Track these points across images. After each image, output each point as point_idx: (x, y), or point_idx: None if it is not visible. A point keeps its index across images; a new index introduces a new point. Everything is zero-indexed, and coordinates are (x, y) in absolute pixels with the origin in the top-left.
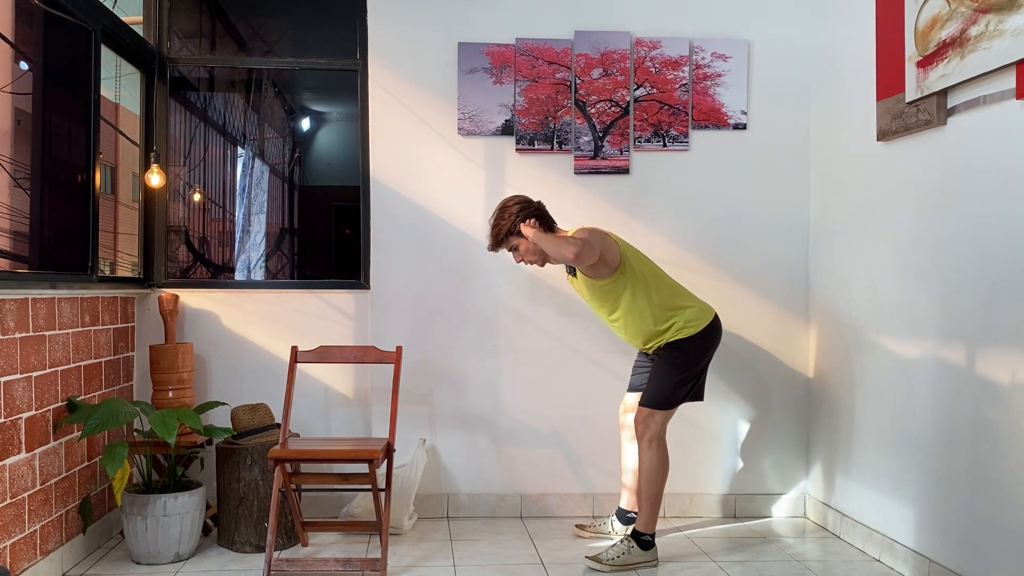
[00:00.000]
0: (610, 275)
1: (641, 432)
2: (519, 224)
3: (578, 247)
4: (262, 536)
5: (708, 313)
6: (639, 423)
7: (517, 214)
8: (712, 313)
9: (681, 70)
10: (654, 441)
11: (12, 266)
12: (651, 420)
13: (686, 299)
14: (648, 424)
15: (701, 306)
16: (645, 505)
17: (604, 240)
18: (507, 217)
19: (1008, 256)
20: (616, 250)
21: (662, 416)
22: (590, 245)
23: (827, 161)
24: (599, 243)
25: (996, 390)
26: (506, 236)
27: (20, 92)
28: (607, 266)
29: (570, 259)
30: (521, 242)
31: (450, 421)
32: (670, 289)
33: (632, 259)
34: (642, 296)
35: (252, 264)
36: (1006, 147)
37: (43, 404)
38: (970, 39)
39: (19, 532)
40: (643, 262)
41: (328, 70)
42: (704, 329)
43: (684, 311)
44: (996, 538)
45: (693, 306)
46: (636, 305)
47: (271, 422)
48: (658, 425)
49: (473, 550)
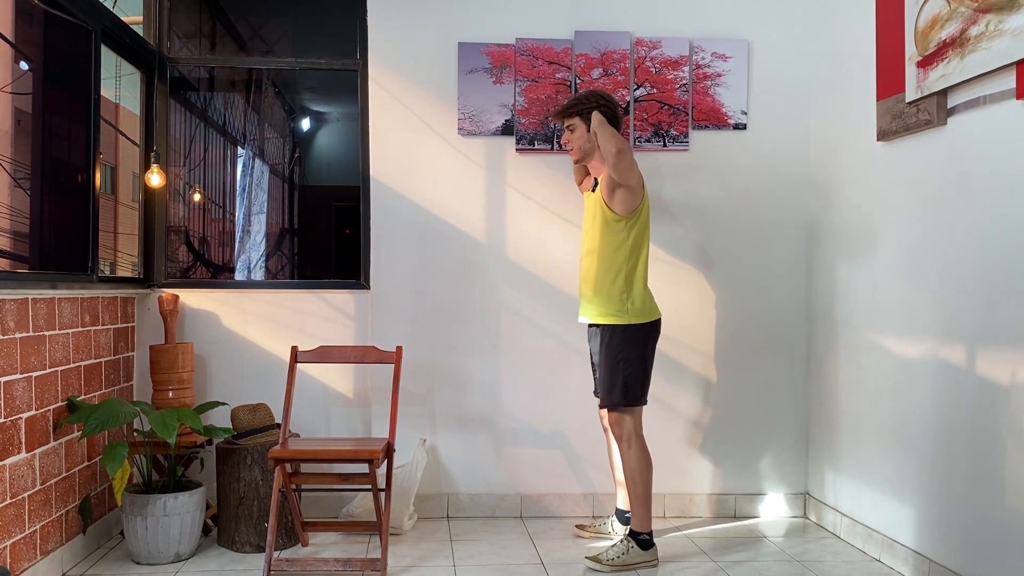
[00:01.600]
0: (623, 213)
1: (617, 434)
2: (594, 110)
3: (624, 149)
4: (262, 536)
5: (655, 313)
6: (613, 425)
7: (598, 103)
8: (658, 316)
9: (681, 70)
10: (632, 439)
11: (12, 266)
12: (622, 420)
13: (647, 292)
14: (621, 425)
15: (654, 306)
16: (635, 504)
17: (641, 185)
18: (592, 99)
19: (1008, 256)
20: (641, 200)
21: (631, 414)
22: (632, 165)
23: (827, 161)
24: (637, 179)
25: (996, 390)
26: (577, 113)
27: (20, 92)
28: (625, 202)
29: (612, 152)
30: (582, 127)
31: (450, 421)
32: (645, 273)
33: (643, 221)
34: (625, 253)
35: (252, 264)
36: (1006, 147)
37: (43, 404)
38: (970, 39)
39: (19, 532)
40: (646, 234)
41: (328, 70)
42: (648, 323)
43: (639, 299)
44: (996, 538)
45: (648, 302)
46: (617, 255)
47: (271, 422)
48: (630, 424)
49: (473, 550)
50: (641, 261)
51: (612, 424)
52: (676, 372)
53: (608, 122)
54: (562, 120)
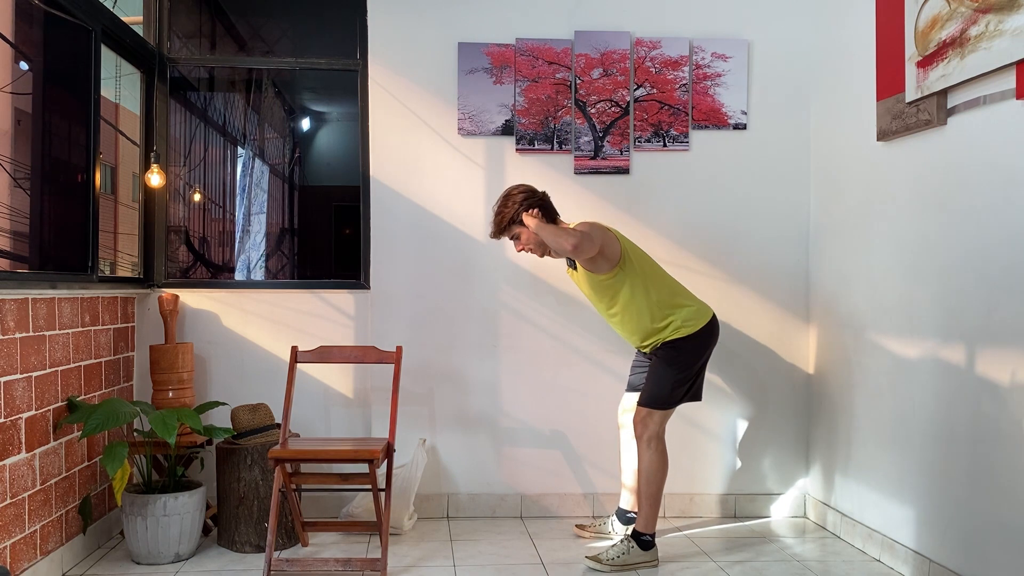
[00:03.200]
0: (610, 270)
1: (640, 432)
2: (522, 213)
3: (577, 239)
4: (262, 536)
5: (706, 313)
6: (638, 423)
7: (521, 203)
8: (710, 313)
9: (681, 70)
10: (653, 440)
11: (12, 266)
12: (649, 420)
13: (685, 298)
14: (647, 424)
15: (699, 306)
16: (645, 505)
17: (605, 234)
18: (511, 206)
19: (1008, 256)
20: (617, 245)
21: (660, 416)
22: (590, 238)
23: (827, 161)
24: (600, 237)
25: (996, 390)
26: (508, 224)
27: (20, 92)
28: (607, 261)
29: (569, 251)
30: (523, 231)
31: (450, 421)
32: (669, 287)
33: (632, 255)
34: (641, 293)
35: (252, 264)
36: (1006, 147)
37: (43, 404)
38: (970, 39)
39: (19, 532)
40: (643, 259)
41: (328, 70)
42: (702, 328)
43: (682, 310)
44: (996, 538)
45: (691, 305)
46: (634, 301)
47: (271, 422)
48: (657, 425)
49: (473, 550)
50: (656, 285)
51: (637, 421)
52: None
53: (541, 211)
54: (501, 237)
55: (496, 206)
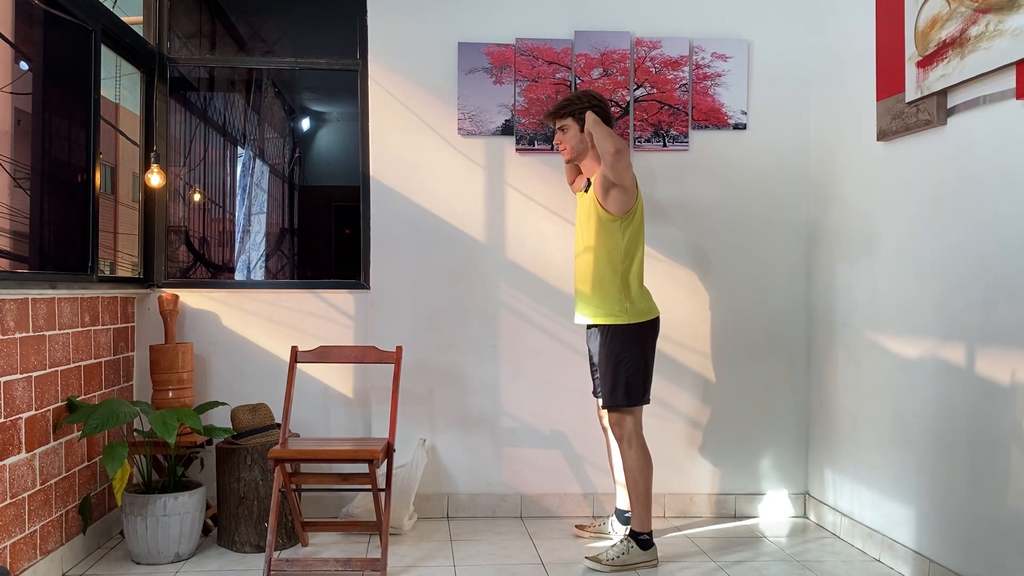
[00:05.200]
0: (617, 213)
1: (618, 434)
2: (587, 110)
3: (622, 145)
4: (262, 536)
5: (654, 311)
6: (613, 426)
7: (590, 103)
8: (656, 314)
9: (681, 70)
10: (632, 439)
11: (12, 266)
12: (622, 421)
13: (645, 290)
14: (621, 425)
15: (652, 305)
16: (635, 504)
17: (635, 186)
18: (584, 99)
19: (1008, 256)
20: (636, 200)
21: (631, 415)
22: (628, 163)
23: (827, 161)
24: (631, 180)
25: (996, 390)
26: (567, 113)
27: (20, 92)
28: (619, 201)
29: (611, 152)
30: (574, 127)
31: (450, 421)
32: (640, 273)
33: (638, 222)
34: (618, 253)
35: (252, 264)
36: (1006, 147)
37: (43, 404)
38: (970, 39)
39: (19, 532)
40: (641, 236)
41: (328, 70)
42: (647, 322)
43: (637, 298)
44: (996, 538)
45: (646, 301)
46: (611, 255)
47: (271, 422)
48: (630, 424)
49: (473, 550)
50: (637, 260)
51: (612, 424)
52: (676, 372)
53: (602, 122)
54: (554, 120)
55: (569, 95)
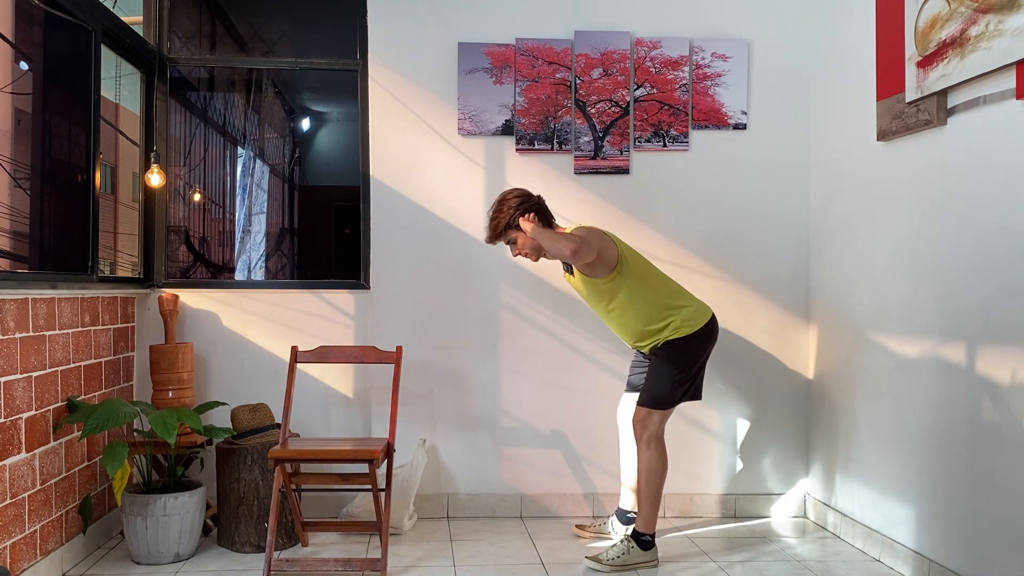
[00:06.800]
0: (607, 274)
1: (639, 432)
2: (518, 218)
3: (576, 244)
4: (262, 536)
5: (705, 313)
6: (637, 423)
7: (516, 207)
8: (709, 313)
9: (681, 70)
10: (652, 440)
11: (12, 266)
12: (649, 420)
13: (683, 299)
14: (646, 424)
15: (698, 306)
16: (645, 505)
17: (602, 239)
18: (506, 210)
19: (1008, 256)
20: (614, 250)
21: (660, 416)
22: (588, 243)
23: (827, 161)
24: (597, 242)
25: (996, 390)
26: (504, 229)
27: (20, 92)
28: (604, 265)
29: (567, 256)
30: (519, 236)
31: (450, 421)
32: (667, 289)
33: (630, 259)
34: (638, 296)
35: (252, 264)
36: (1006, 147)
37: (43, 404)
38: (970, 39)
39: (19, 532)
40: (640, 262)
41: (328, 70)
42: (701, 329)
43: (681, 311)
44: (996, 538)
45: (690, 306)
46: (632, 304)
47: (271, 422)
48: (656, 425)
49: (473, 550)
50: (654, 288)
51: (637, 421)
52: None
53: (537, 215)
54: (497, 241)
55: (491, 211)
